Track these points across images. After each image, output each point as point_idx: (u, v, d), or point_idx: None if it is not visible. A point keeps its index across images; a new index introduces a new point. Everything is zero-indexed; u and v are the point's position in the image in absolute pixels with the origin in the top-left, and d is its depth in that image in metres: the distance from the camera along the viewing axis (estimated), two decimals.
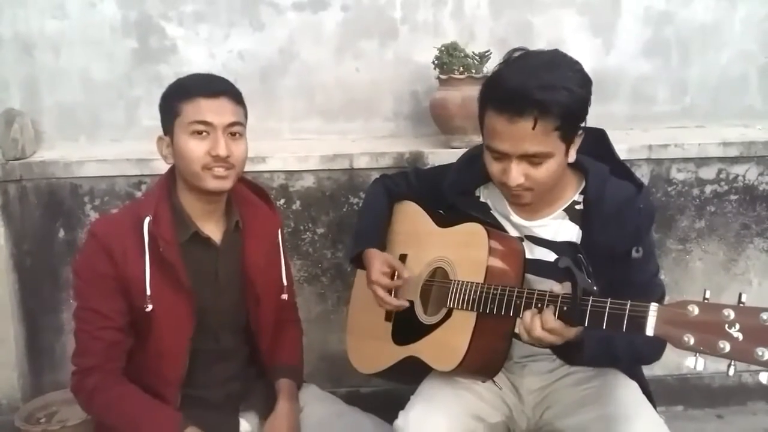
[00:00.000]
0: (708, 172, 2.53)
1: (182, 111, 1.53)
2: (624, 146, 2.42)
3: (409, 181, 1.94)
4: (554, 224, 1.58)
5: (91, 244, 1.55)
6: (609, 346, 1.46)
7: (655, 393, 1.63)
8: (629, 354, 1.53)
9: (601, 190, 1.53)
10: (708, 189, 2.54)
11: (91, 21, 2.57)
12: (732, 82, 2.80)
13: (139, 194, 2.35)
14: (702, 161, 2.51)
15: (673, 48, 2.76)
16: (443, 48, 2.42)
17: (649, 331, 1.14)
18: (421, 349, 1.64)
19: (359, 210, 2.16)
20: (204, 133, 1.52)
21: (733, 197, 2.55)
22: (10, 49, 2.55)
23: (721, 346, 1.04)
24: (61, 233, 2.39)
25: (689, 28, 2.75)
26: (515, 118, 1.40)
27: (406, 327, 1.73)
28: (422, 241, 1.78)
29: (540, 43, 2.65)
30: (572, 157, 1.49)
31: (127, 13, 2.58)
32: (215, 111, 1.52)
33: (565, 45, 2.64)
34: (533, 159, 1.44)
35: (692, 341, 1.07)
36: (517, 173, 1.45)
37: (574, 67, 1.45)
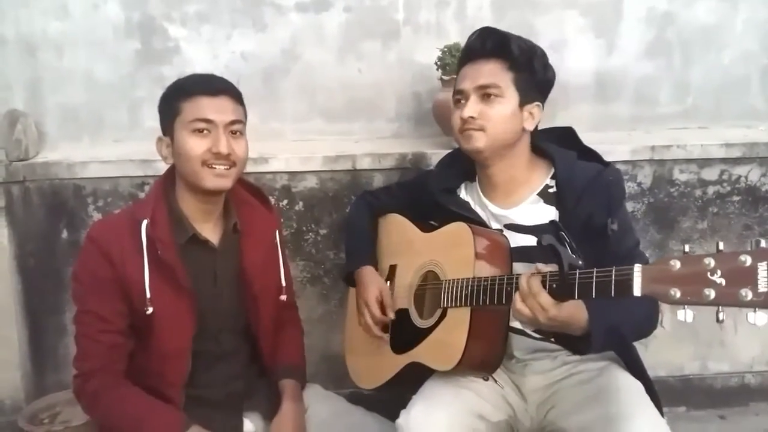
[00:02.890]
0: (710, 173, 2.52)
1: (182, 110, 1.53)
2: (626, 147, 2.43)
3: (392, 193, 2.01)
4: (531, 208, 1.64)
5: (90, 248, 1.54)
6: (615, 331, 1.47)
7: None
8: (633, 332, 1.59)
9: (570, 170, 1.63)
10: (710, 190, 2.54)
11: (94, 22, 2.57)
12: (734, 83, 2.80)
13: (142, 195, 2.35)
14: (704, 162, 2.51)
15: (675, 49, 2.76)
16: (446, 49, 2.42)
17: (637, 291, 1.16)
18: (421, 353, 1.65)
19: (345, 229, 2.17)
20: (205, 131, 1.52)
21: (735, 198, 2.55)
22: (13, 50, 2.56)
23: (707, 293, 1.06)
24: (65, 234, 2.39)
25: (691, 30, 2.75)
26: (476, 59, 1.64)
27: (403, 335, 1.74)
28: (410, 249, 1.81)
29: (542, 43, 2.60)
30: (529, 125, 1.65)
31: (130, 14, 2.58)
32: (216, 109, 1.53)
33: (567, 46, 2.67)
34: (487, 91, 1.60)
35: (678, 294, 1.09)
36: (472, 106, 1.62)
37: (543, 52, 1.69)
